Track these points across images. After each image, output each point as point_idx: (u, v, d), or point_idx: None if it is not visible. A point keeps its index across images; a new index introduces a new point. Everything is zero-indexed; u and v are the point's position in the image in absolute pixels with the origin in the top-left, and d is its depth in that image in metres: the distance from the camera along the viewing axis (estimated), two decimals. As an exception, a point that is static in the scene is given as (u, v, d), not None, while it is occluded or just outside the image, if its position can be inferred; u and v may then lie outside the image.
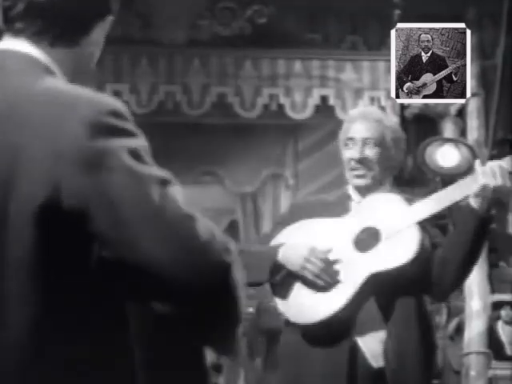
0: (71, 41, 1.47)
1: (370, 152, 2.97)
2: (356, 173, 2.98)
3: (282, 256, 2.90)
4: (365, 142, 2.98)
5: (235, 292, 1.35)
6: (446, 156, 5.76)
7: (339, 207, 3.01)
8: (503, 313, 6.12)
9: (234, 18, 6.38)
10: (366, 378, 2.85)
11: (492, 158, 6.14)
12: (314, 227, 2.98)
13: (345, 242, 2.91)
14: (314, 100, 6.35)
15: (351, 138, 3.00)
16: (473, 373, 5.93)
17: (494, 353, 6.02)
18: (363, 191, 3.00)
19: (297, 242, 2.91)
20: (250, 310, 6.77)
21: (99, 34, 1.50)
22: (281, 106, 6.38)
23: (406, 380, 2.86)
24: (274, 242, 3.00)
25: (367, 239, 2.90)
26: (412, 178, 6.63)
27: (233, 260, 1.34)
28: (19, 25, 1.43)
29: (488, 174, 2.78)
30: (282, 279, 2.92)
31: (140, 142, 1.35)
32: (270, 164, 7.11)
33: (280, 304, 2.95)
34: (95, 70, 1.58)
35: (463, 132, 6.34)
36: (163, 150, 7.11)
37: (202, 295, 1.31)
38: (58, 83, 1.40)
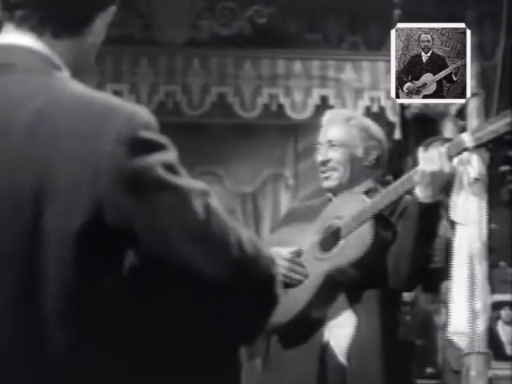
0: (74, 31, 1.46)
1: (334, 153, 3.02)
2: (322, 175, 3.03)
3: None
4: (329, 144, 3.03)
5: (277, 302, 1.38)
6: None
7: (319, 210, 3.06)
8: (503, 313, 6.12)
9: (234, 18, 6.38)
10: (336, 376, 2.86)
11: (492, 158, 6.16)
12: (293, 232, 3.03)
13: (313, 243, 2.96)
14: (314, 100, 6.35)
15: (318, 143, 3.06)
16: (473, 373, 5.93)
17: (494, 353, 6.01)
18: (335, 192, 3.04)
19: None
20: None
21: (101, 24, 1.50)
22: (281, 106, 6.38)
23: (366, 377, 2.86)
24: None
25: (330, 238, 2.95)
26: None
27: (277, 271, 1.35)
28: (21, 13, 1.42)
29: (426, 159, 2.81)
30: None
31: (173, 154, 1.35)
32: (270, 164, 7.10)
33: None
34: (95, 62, 1.57)
35: (463, 132, 6.33)
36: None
37: (252, 308, 1.34)
38: (83, 89, 1.39)
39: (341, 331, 2.86)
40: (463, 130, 6.35)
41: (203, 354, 1.40)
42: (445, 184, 2.88)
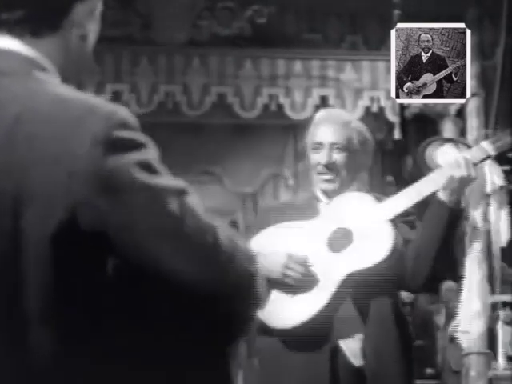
0: (52, 24, 1.44)
1: (338, 156, 2.99)
2: (324, 177, 3.00)
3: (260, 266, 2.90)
4: (332, 146, 3.00)
5: (259, 299, 1.36)
6: (445, 156, 5.75)
7: (308, 210, 3.03)
8: (503, 313, 6.12)
9: (234, 18, 6.38)
10: (348, 378, 2.86)
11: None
12: (285, 232, 2.99)
13: (318, 244, 2.92)
14: (313, 100, 6.35)
15: (319, 142, 3.02)
16: (473, 373, 5.93)
17: (494, 353, 6.01)
18: (331, 194, 3.01)
19: (272, 251, 2.91)
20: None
21: (82, 14, 1.47)
22: (280, 106, 6.38)
23: (384, 378, 2.87)
24: None
25: (340, 240, 2.92)
26: (412, 178, 6.62)
27: (257, 268, 1.33)
28: None
29: (453, 165, 2.82)
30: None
31: (150, 153, 1.33)
32: (270, 164, 7.11)
33: (260, 312, 2.95)
34: (91, 58, 1.55)
35: (463, 132, 6.34)
36: (163, 150, 7.11)
37: (229, 306, 1.31)
38: (63, 90, 1.37)
39: (351, 334, 2.84)
40: (463, 130, 6.37)
41: (189, 355, 1.40)
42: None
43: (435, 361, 7.20)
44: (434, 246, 2.88)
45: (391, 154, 7.23)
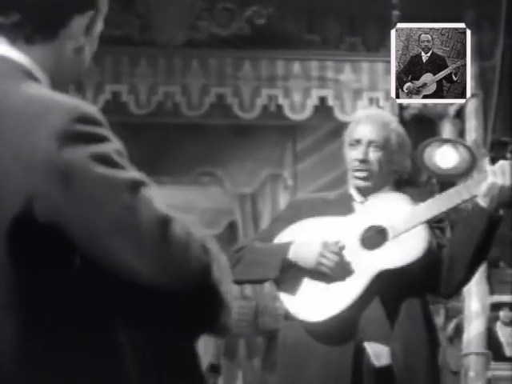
0: (48, 33, 1.45)
1: (374, 155, 2.99)
2: (359, 174, 3.00)
3: (294, 254, 2.91)
4: (370, 144, 3.00)
5: (218, 289, 1.34)
6: (444, 157, 5.76)
7: (340, 206, 3.02)
8: (502, 314, 6.12)
9: (233, 19, 6.38)
10: (370, 377, 2.86)
11: (491, 159, 6.15)
12: (319, 225, 2.99)
13: (351, 240, 2.93)
14: (312, 101, 6.35)
15: (357, 139, 3.02)
16: (472, 373, 5.93)
17: (493, 354, 6.02)
18: (364, 192, 3.01)
19: (307, 240, 2.92)
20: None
21: (78, 28, 1.48)
22: (280, 107, 6.38)
23: (414, 379, 2.87)
24: (278, 240, 3.00)
25: (374, 237, 2.92)
26: (410, 179, 6.63)
27: (211, 258, 1.32)
28: None
29: (498, 172, 2.82)
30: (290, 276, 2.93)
31: (110, 146, 1.32)
32: (269, 165, 7.11)
33: (287, 301, 2.95)
34: (82, 72, 1.56)
35: (462, 133, 6.35)
36: (162, 151, 7.12)
37: (183, 298, 1.30)
38: (33, 89, 1.38)
39: (376, 333, 2.84)
40: (462, 131, 6.37)
41: (153, 351, 1.40)
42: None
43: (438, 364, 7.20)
44: (471, 252, 2.88)
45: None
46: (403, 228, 2.87)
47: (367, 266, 2.87)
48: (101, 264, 1.29)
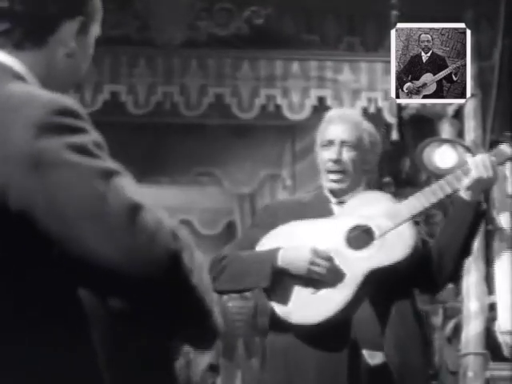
0: (37, 39, 1.45)
1: (348, 155, 3.00)
2: (333, 177, 3.00)
3: (283, 260, 2.89)
4: (343, 144, 3.00)
5: (187, 278, 1.31)
6: (443, 157, 5.77)
7: (318, 208, 3.02)
8: (501, 314, 6.12)
9: (232, 19, 6.38)
10: (366, 376, 2.87)
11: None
12: (302, 229, 2.98)
13: (337, 241, 2.92)
14: (311, 101, 6.35)
15: (329, 140, 3.02)
16: (470, 374, 5.93)
17: (492, 354, 6.02)
18: (338, 192, 3.01)
19: (295, 245, 2.90)
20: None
21: (68, 33, 1.48)
22: (278, 107, 6.38)
23: (409, 375, 2.88)
24: (260, 246, 2.98)
25: (359, 238, 2.92)
26: (409, 179, 6.63)
27: (182, 246, 1.31)
28: None
29: (479, 166, 2.85)
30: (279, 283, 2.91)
31: (87, 138, 1.32)
32: (268, 165, 7.11)
33: (279, 308, 2.93)
34: (78, 78, 1.56)
35: (460, 133, 6.35)
36: (161, 151, 7.12)
37: (152, 287, 1.29)
38: (17, 86, 1.38)
39: (369, 332, 2.85)
40: (460, 131, 6.37)
41: (127, 348, 1.40)
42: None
43: (432, 361, 7.21)
44: (458, 245, 2.92)
45: (389, 155, 7.24)
46: (389, 226, 2.88)
47: (356, 266, 2.87)
48: (72, 252, 1.29)
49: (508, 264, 5.94)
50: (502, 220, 6.00)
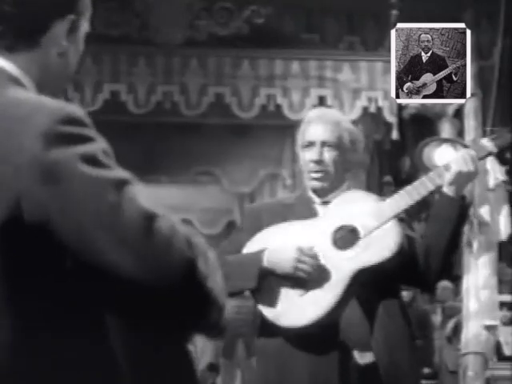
0: (30, 41, 1.45)
1: (329, 155, 2.99)
2: (314, 176, 2.99)
3: (268, 261, 2.88)
4: (323, 144, 3.00)
5: (204, 284, 1.32)
6: (443, 156, 5.77)
7: (301, 209, 3.02)
8: (501, 313, 6.13)
9: (232, 19, 6.38)
10: (356, 376, 2.87)
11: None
12: (287, 231, 2.98)
13: (323, 241, 2.92)
14: (311, 100, 6.35)
15: (310, 141, 3.02)
16: (470, 373, 5.94)
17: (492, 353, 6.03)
18: (321, 193, 3.01)
19: (280, 246, 2.91)
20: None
21: (60, 32, 1.48)
22: (278, 106, 6.38)
23: (399, 373, 2.89)
24: (247, 250, 2.98)
25: (346, 237, 2.91)
26: (409, 179, 6.63)
27: (197, 254, 1.32)
28: None
29: (460, 160, 2.85)
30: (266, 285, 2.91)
31: (96, 146, 1.33)
32: (268, 164, 7.11)
33: (267, 311, 2.93)
34: (70, 76, 1.56)
35: (460, 132, 6.36)
36: (160, 150, 7.12)
37: (169, 295, 1.30)
38: (19, 93, 1.39)
39: (357, 331, 2.85)
40: (460, 130, 6.38)
41: (145, 352, 1.41)
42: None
43: (432, 361, 7.21)
44: (445, 241, 2.92)
45: (389, 155, 7.25)
46: (374, 225, 2.88)
47: (343, 266, 2.87)
48: (89, 262, 1.30)
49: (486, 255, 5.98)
50: (483, 213, 6.02)
